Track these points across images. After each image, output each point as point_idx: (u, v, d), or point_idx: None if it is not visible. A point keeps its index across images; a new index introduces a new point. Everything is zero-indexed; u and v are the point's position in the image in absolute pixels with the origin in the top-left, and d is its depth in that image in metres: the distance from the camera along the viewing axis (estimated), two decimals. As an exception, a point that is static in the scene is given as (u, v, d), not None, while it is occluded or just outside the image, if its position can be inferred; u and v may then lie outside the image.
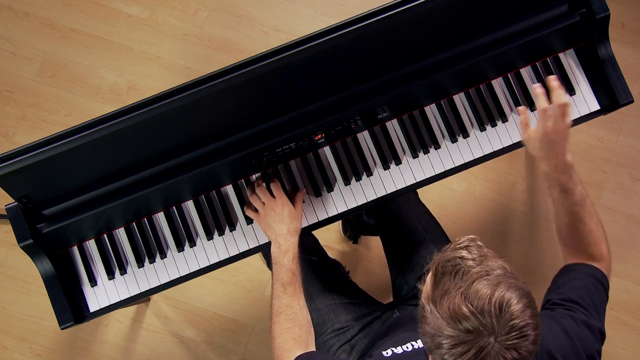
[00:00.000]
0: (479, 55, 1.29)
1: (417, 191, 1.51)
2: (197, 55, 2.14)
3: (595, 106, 1.39)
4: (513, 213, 2.06)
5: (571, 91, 1.39)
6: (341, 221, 2.03)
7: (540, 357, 0.96)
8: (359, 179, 1.35)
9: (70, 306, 1.28)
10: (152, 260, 1.34)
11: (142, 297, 1.35)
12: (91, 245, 1.34)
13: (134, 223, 1.34)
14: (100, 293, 1.33)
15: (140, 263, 1.34)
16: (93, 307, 1.33)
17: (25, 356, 2.02)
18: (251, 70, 1.16)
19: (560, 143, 1.13)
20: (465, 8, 1.25)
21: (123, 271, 1.34)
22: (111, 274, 1.33)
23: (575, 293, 1.07)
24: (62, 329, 1.28)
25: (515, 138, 1.37)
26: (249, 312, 2.03)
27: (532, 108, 1.38)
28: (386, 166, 1.35)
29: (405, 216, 1.47)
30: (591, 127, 2.07)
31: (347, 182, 1.35)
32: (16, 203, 1.24)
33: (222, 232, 1.34)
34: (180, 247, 1.34)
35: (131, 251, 1.34)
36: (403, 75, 1.28)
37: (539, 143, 1.15)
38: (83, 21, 2.15)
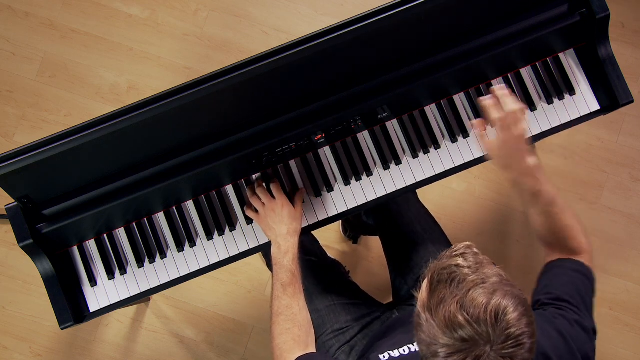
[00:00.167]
0: (479, 55, 1.29)
1: (417, 191, 1.50)
2: (197, 55, 2.14)
3: (595, 106, 1.39)
4: (513, 213, 2.06)
5: (571, 91, 1.39)
6: (341, 221, 2.03)
7: (535, 359, 0.96)
8: (359, 179, 1.35)
9: (70, 306, 1.28)
10: (152, 260, 1.34)
11: (142, 297, 1.35)
12: (91, 245, 1.34)
13: (134, 223, 1.34)
14: (100, 293, 1.33)
15: (140, 263, 1.34)
16: (93, 307, 1.33)
17: (25, 356, 2.02)
18: (251, 70, 1.16)
19: (519, 149, 1.13)
20: (465, 8, 1.25)
21: (123, 271, 1.34)
22: (111, 274, 1.33)
23: (563, 291, 1.07)
24: (62, 329, 1.28)
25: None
26: (249, 312, 2.03)
27: (532, 108, 1.38)
28: (386, 166, 1.35)
29: (404, 216, 1.47)
30: (591, 127, 2.07)
31: (347, 182, 1.35)
32: (16, 203, 1.24)
33: (222, 232, 1.34)
34: (180, 247, 1.34)
35: (131, 251, 1.34)
36: (403, 75, 1.28)
37: (499, 152, 1.15)
38: (83, 21, 2.15)
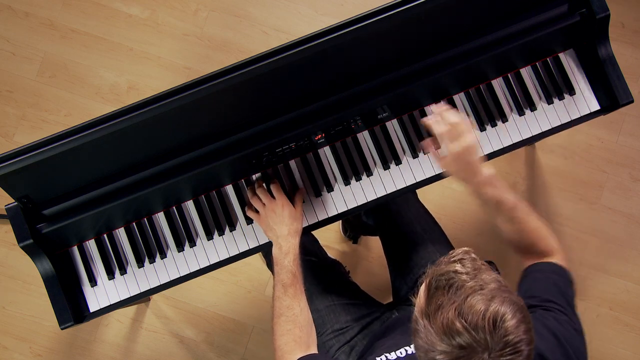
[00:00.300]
0: (479, 55, 1.29)
1: (417, 191, 1.50)
2: (197, 55, 2.14)
3: (595, 106, 1.39)
4: (513, 213, 2.06)
5: (571, 91, 1.39)
6: (341, 221, 2.03)
7: None
8: (359, 179, 1.35)
9: (70, 306, 1.28)
10: (152, 260, 1.34)
11: (142, 297, 1.35)
12: (91, 245, 1.34)
13: (134, 223, 1.34)
14: (100, 293, 1.33)
15: (140, 263, 1.34)
16: (93, 307, 1.33)
17: (25, 356, 2.02)
18: (251, 70, 1.16)
19: (472, 159, 1.14)
20: (465, 8, 1.25)
21: (123, 271, 1.34)
22: (111, 274, 1.33)
23: (545, 292, 1.06)
24: (62, 329, 1.28)
25: (515, 138, 1.37)
26: (249, 312, 2.03)
27: (532, 108, 1.38)
28: (386, 166, 1.35)
29: (404, 216, 1.47)
30: (591, 127, 2.07)
31: (347, 182, 1.35)
32: (16, 203, 1.24)
33: (222, 232, 1.34)
34: (180, 247, 1.34)
35: (131, 251, 1.34)
36: (403, 75, 1.28)
37: (454, 167, 1.16)
38: (83, 21, 2.15)
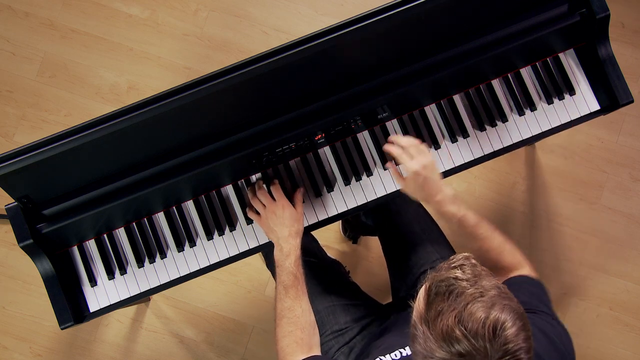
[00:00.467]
0: (479, 55, 1.29)
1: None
2: (197, 55, 2.14)
3: (595, 106, 1.39)
4: (513, 213, 2.06)
5: (571, 91, 1.39)
6: (341, 221, 2.03)
7: None
8: (359, 179, 1.35)
9: (70, 306, 1.28)
10: (152, 260, 1.34)
11: (142, 297, 1.35)
12: (91, 245, 1.34)
13: (134, 223, 1.34)
14: (100, 293, 1.33)
15: (140, 263, 1.34)
16: (93, 307, 1.33)
17: (25, 356, 2.02)
18: (251, 70, 1.16)
19: (432, 177, 1.16)
20: (465, 8, 1.25)
21: (123, 271, 1.34)
22: (111, 274, 1.33)
23: (528, 301, 1.05)
24: (62, 329, 1.28)
25: (515, 138, 1.37)
26: (249, 312, 2.03)
27: (532, 108, 1.38)
28: (386, 166, 1.35)
29: (403, 217, 1.47)
30: (591, 127, 2.07)
31: (347, 182, 1.35)
32: (16, 203, 1.24)
33: (222, 232, 1.34)
34: (180, 247, 1.34)
35: (131, 251, 1.34)
36: (403, 75, 1.28)
37: (415, 185, 1.17)
38: (83, 21, 2.15)
